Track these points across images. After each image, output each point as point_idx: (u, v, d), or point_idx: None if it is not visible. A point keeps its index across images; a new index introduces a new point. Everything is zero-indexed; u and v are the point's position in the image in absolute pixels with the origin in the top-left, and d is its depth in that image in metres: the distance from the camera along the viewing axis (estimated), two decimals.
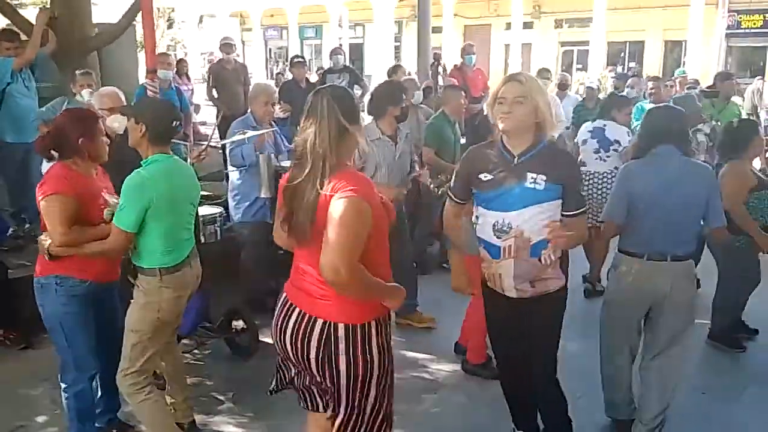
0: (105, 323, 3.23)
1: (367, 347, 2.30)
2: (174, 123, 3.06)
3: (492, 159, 2.79)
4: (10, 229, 5.75)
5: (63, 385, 3.18)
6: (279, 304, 2.45)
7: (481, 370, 4.10)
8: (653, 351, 3.37)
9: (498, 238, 2.78)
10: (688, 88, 8.40)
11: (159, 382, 3.67)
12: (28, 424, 3.62)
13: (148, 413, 3.15)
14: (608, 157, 5.36)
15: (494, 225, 2.78)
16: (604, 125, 5.42)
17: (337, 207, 2.13)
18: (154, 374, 3.79)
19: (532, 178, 2.70)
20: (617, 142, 5.34)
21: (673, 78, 10.06)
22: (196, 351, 4.34)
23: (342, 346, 2.27)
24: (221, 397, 3.89)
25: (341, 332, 2.26)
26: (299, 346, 2.32)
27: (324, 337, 2.27)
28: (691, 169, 3.24)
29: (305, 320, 2.30)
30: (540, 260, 2.78)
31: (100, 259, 3.04)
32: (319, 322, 2.27)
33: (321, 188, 2.18)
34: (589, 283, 5.55)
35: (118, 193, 2.99)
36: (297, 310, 2.33)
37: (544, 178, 2.69)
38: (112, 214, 2.93)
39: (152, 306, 3.03)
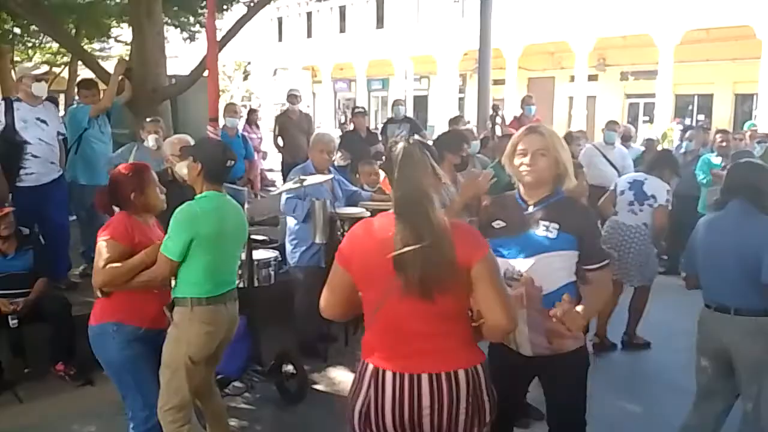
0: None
1: (489, 380, 2.26)
2: (228, 163, 3.19)
3: (507, 207, 2.79)
4: (81, 267, 6.00)
5: (132, 424, 3.21)
6: (384, 387, 2.15)
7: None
8: (743, 398, 3.31)
9: (509, 286, 2.65)
10: (758, 142, 8.12)
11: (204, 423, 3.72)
12: None
13: None
14: (641, 210, 5.20)
15: (505, 273, 2.65)
16: (645, 179, 5.27)
17: (490, 261, 2.16)
18: (202, 413, 3.86)
19: (544, 226, 2.65)
20: (653, 197, 5.17)
21: (742, 131, 9.75)
22: (246, 394, 4.36)
23: (484, 386, 2.20)
24: None
25: (481, 373, 2.21)
26: (446, 410, 2.13)
27: (471, 385, 2.16)
28: (751, 222, 3.17)
29: (445, 380, 2.13)
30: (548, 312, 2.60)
31: (153, 305, 3.11)
32: (462, 372, 2.15)
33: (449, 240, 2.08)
34: (596, 336, 5.35)
35: None
36: (426, 377, 2.13)
37: (557, 226, 2.63)
38: None
39: (182, 341, 3.08)
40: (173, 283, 3.14)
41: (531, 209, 2.72)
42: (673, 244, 7.21)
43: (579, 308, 2.54)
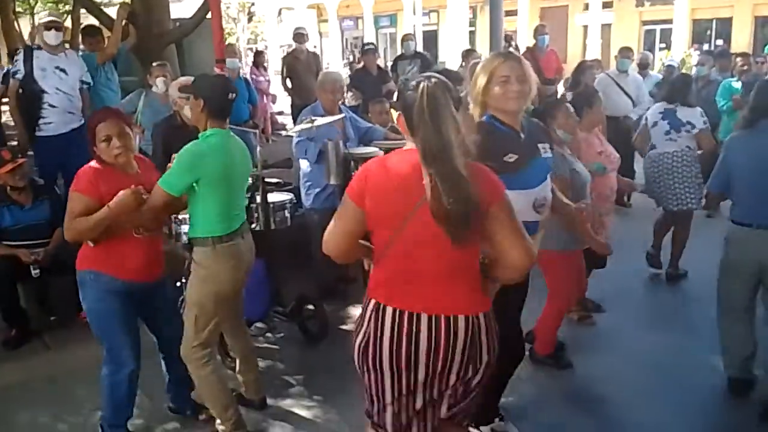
0: (160, 324, 3.38)
1: (494, 329, 2.25)
2: (230, 96, 3.13)
3: (507, 138, 2.71)
4: None
5: (102, 372, 3.22)
6: (386, 322, 2.17)
7: (547, 360, 4.03)
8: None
9: (538, 213, 2.80)
10: None
11: (231, 365, 3.78)
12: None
13: (212, 387, 3.23)
14: (679, 137, 5.12)
15: (534, 202, 2.75)
16: (676, 107, 5.17)
17: (507, 201, 2.13)
18: (227, 355, 3.92)
19: (543, 148, 2.80)
20: (689, 123, 5.09)
21: (764, 54, 9.46)
22: (269, 335, 4.43)
23: (484, 336, 2.19)
24: (292, 380, 3.96)
25: (482, 322, 2.19)
26: (441, 354, 2.15)
27: (470, 334, 2.16)
28: None
29: (444, 324, 2.13)
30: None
31: (136, 256, 3.07)
32: (462, 319, 2.14)
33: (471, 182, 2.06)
34: (670, 268, 5.38)
35: None
36: (425, 317, 2.13)
37: (548, 146, 2.82)
38: None
39: (209, 278, 3.11)
40: (174, 226, 3.15)
41: (523, 135, 2.75)
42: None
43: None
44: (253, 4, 33.11)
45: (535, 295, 3.97)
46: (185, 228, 3.94)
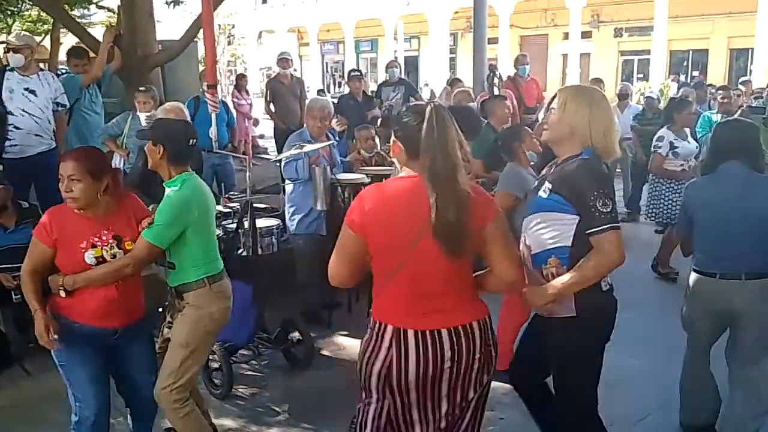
0: (129, 384, 3.12)
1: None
2: (190, 141, 3.04)
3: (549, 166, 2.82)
4: None
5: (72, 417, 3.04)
6: (409, 347, 2.23)
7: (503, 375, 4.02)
8: (740, 361, 3.27)
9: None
10: (754, 98, 8.09)
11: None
12: None
13: (194, 426, 3.14)
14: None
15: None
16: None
17: (500, 219, 2.31)
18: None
19: (545, 186, 2.61)
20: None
21: (739, 88, 9.70)
22: (253, 362, 4.38)
23: (491, 336, 2.35)
24: (277, 408, 3.91)
25: (488, 322, 2.36)
26: (464, 361, 2.26)
27: (483, 334, 2.31)
28: (758, 183, 3.13)
29: (462, 332, 2.26)
30: (542, 273, 2.60)
31: (95, 300, 2.84)
32: (475, 323, 2.29)
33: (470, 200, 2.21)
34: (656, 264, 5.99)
35: None
36: (445, 331, 2.23)
37: (551, 186, 2.57)
38: None
39: (203, 319, 3.04)
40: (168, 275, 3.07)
41: (552, 169, 2.70)
42: None
43: (565, 276, 2.50)
44: (233, 26, 33.24)
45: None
46: None
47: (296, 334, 4.38)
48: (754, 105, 6.82)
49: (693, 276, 3.28)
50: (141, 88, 5.61)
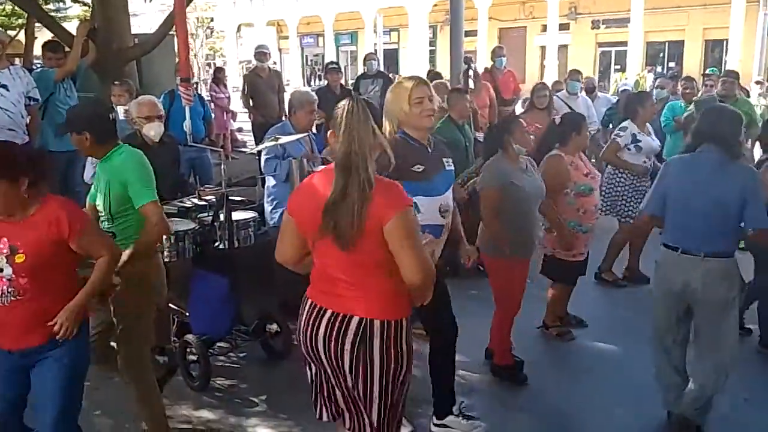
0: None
1: (399, 342, 2.38)
2: (110, 117, 3.09)
3: (415, 151, 3.10)
4: None
5: None
6: (305, 312, 2.46)
7: (508, 371, 4.11)
8: (698, 351, 3.40)
9: (443, 218, 3.16)
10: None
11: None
12: None
13: (153, 391, 3.29)
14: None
15: (440, 207, 3.14)
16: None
17: (402, 219, 2.25)
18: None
19: (446, 161, 3.23)
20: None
21: (712, 76, 9.80)
22: (231, 354, 4.39)
23: (377, 341, 2.34)
24: (255, 399, 3.93)
25: (377, 328, 2.34)
26: (332, 346, 2.37)
27: (360, 333, 2.33)
28: (726, 170, 3.20)
29: (338, 320, 2.35)
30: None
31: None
32: (355, 319, 2.33)
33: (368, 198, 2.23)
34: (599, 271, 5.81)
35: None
36: (329, 312, 2.37)
37: (450, 160, 3.25)
38: None
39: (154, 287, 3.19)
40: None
41: (430, 150, 3.16)
42: None
43: None
44: (212, 19, 32.98)
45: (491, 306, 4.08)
46: None
47: (274, 326, 4.40)
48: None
49: (661, 249, 3.43)
50: (116, 82, 5.59)
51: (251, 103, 8.86)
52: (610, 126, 7.46)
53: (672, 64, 22.59)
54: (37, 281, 2.54)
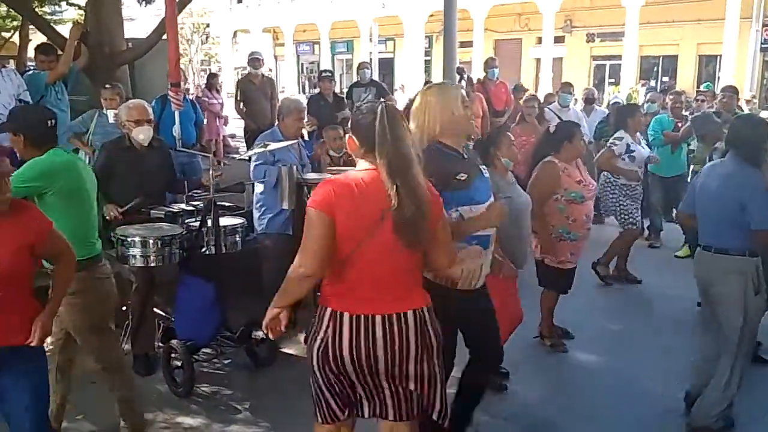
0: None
1: (435, 321, 2.52)
2: (49, 123, 3.06)
3: (454, 159, 2.92)
4: None
5: None
6: (347, 328, 2.37)
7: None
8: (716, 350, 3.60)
9: (491, 227, 2.98)
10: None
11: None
12: None
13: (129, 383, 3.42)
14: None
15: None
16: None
17: (445, 216, 2.53)
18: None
19: (483, 168, 3.04)
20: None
21: (704, 91, 9.90)
22: (215, 360, 4.37)
23: (430, 325, 2.47)
24: (239, 407, 3.91)
25: (428, 314, 2.47)
26: (397, 348, 2.39)
27: (418, 324, 2.42)
28: (737, 173, 3.40)
29: (395, 320, 2.39)
30: None
31: None
32: (410, 313, 2.41)
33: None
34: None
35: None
36: (378, 318, 2.37)
37: (485, 166, 3.12)
38: None
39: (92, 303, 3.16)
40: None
41: (465, 156, 2.99)
42: None
43: None
44: (208, 25, 33.03)
45: None
46: (134, 251, 3.91)
47: (259, 333, 4.38)
48: (713, 110, 6.98)
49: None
50: (106, 85, 5.58)
51: (243, 109, 8.86)
52: (602, 141, 7.50)
53: (666, 79, 22.72)
54: (9, 290, 2.45)
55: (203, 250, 4.16)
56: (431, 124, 2.89)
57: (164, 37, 6.62)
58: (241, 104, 8.84)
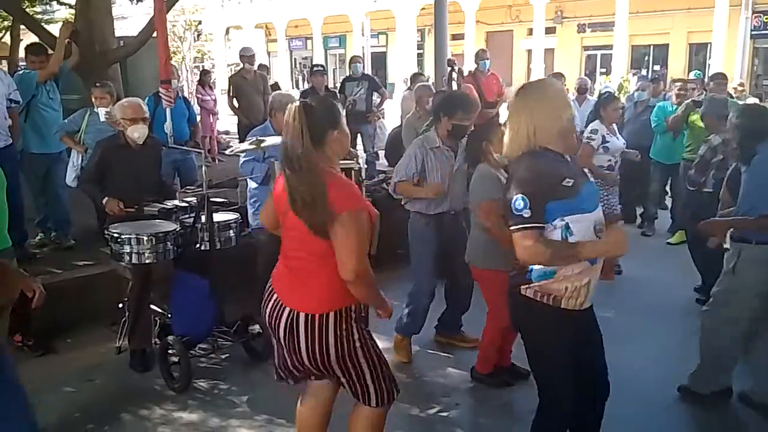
0: None
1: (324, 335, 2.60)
2: None
3: (560, 163, 2.61)
4: (37, 237, 5.91)
5: None
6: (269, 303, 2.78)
7: (487, 379, 4.08)
8: None
9: (598, 237, 2.58)
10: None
11: None
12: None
13: None
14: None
15: (594, 226, 2.58)
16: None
17: (358, 217, 2.46)
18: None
19: (587, 173, 2.71)
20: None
21: (694, 80, 9.92)
22: (212, 355, 4.40)
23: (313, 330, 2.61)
24: (236, 400, 3.94)
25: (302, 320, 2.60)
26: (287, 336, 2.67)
27: (289, 324, 2.63)
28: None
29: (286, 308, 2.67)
30: None
31: None
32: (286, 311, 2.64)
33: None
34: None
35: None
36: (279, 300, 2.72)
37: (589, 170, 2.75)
38: None
39: None
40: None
41: (569, 159, 2.69)
42: (627, 193, 7.36)
43: None
44: (200, 22, 32.90)
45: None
46: (128, 248, 3.93)
47: (256, 327, 4.42)
48: (697, 99, 7.00)
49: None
50: (97, 84, 5.59)
51: (236, 105, 8.87)
52: None
53: (657, 67, 22.76)
54: None
55: (197, 246, 4.18)
56: (537, 129, 2.56)
57: (155, 34, 6.64)
58: (234, 100, 8.85)
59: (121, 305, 4.34)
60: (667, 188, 7.61)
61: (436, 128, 4.31)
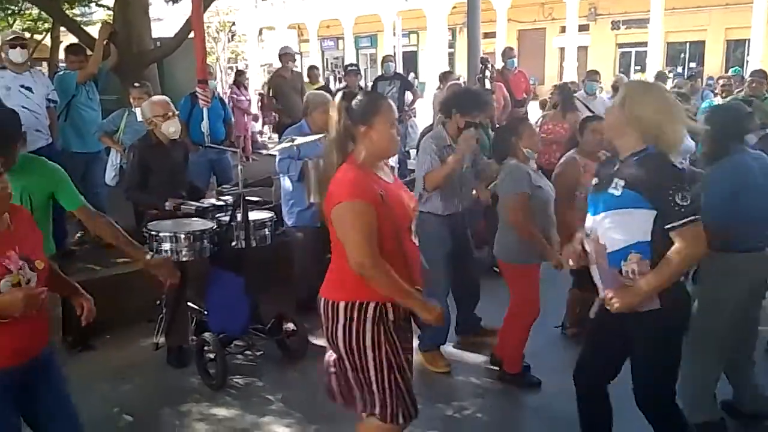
0: (44, 420, 2.51)
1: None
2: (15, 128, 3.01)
3: (608, 164, 2.74)
4: (77, 235, 6.02)
5: None
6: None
7: (518, 379, 4.02)
8: None
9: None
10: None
11: None
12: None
13: None
14: None
15: (587, 230, 2.73)
16: None
17: (342, 210, 2.46)
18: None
19: (614, 183, 2.56)
20: None
21: (732, 76, 9.72)
22: (247, 352, 4.43)
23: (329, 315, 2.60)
24: (271, 398, 3.96)
25: (331, 305, 2.57)
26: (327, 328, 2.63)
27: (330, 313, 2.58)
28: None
29: (322, 303, 2.63)
30: (620, 272, 2.57)
31: (9, 335, 2.28)
32: (322, 300, 2.61)
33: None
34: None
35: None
36: (322, 298, 2.64)
37: (623, 183, 2.52)
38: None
39: None
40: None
41: (617, 166, 2.64)
42: None
43: (650, 274, 2.49)
44: (233, 23, 33.25)
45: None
46: (165, 246, 3.98)
47: (290, 325, 4.44)
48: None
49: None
50: (135, 84, 5.67)
51: (277, 105, 8.91)
52: None
53: (693, 65, 22.36)
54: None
55: (233, 244, 4.22)
56: (655, 130, 2.52)
57: (191, 35, 6.73)
58: (274, 100, 8.90)
59: (158, 302, 4.40)
60: None
61: (444, 125, 4.22)
